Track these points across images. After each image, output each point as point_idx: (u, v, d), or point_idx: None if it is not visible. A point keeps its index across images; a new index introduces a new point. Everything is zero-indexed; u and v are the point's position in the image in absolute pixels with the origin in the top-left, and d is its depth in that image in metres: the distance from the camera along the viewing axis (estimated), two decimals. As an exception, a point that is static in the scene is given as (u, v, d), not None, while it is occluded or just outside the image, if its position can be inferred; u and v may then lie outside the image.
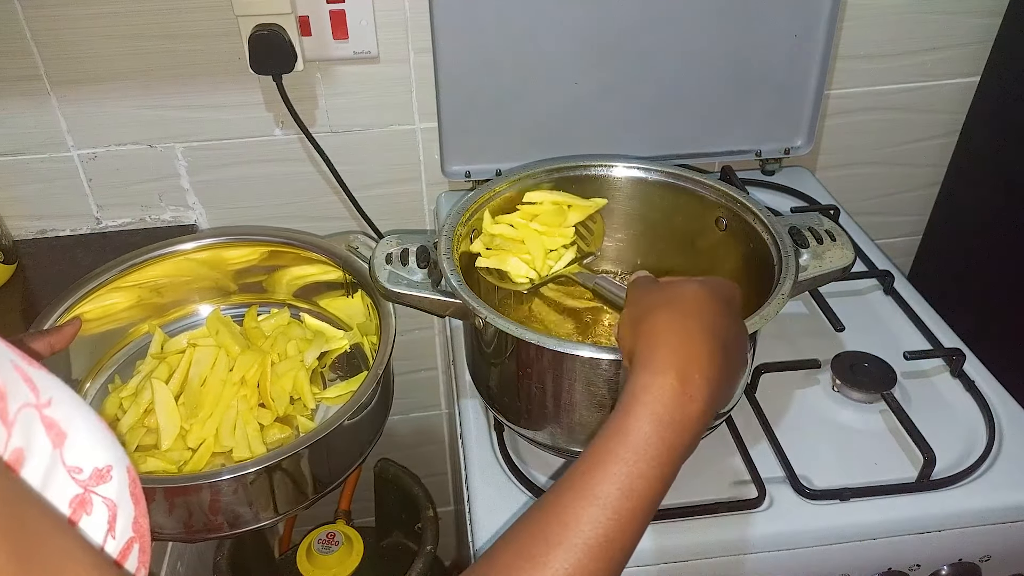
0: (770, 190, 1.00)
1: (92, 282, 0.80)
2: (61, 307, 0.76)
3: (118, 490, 0.35)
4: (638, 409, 0.44)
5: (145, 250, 0.84)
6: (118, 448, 0.36)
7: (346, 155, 0.95)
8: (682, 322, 0.48)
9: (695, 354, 0.46)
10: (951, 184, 1.11)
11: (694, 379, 0.45)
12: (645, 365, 0.46)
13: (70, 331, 0.72)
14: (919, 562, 0.66)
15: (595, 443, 0.44)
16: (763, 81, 0.93)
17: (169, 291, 0.87)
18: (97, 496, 0.34)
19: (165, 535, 0.68)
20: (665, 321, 0.48)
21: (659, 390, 0.44)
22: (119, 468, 0.35)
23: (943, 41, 1.00)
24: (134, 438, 0.73)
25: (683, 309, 0.49)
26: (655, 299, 0.51)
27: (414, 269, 0.65)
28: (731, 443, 0.68)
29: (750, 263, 0.70)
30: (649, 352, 0.46)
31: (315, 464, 0.69)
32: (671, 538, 0.62)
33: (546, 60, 0.88)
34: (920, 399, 0.72)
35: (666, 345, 0.46)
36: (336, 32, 0.86)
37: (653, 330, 0.48)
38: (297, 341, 0.82)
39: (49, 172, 0.93)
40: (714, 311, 0.49)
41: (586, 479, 0.43)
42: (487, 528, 0.62)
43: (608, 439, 0.44)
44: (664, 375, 0.45)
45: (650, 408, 0.44)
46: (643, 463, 0.43)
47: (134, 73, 0.87)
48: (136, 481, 0.37)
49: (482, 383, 0.69)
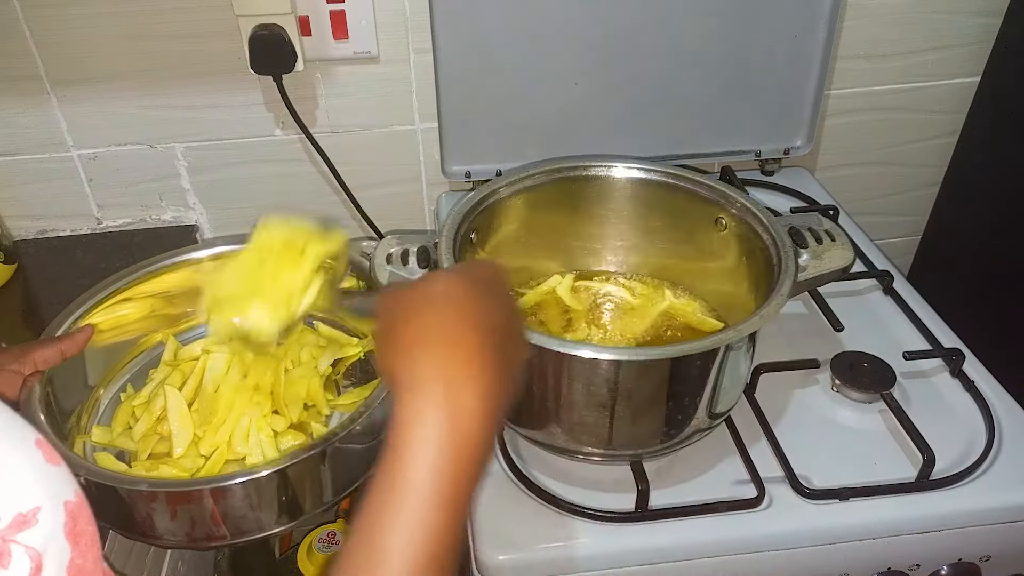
0: (770, 190, 1.00)
1: (104, 290, 0.78)
2: (73, 315, 0.75)
3: (48, 534, 0.32)
4: (412, 449, 0.39)
5: (157, 259, 0.82)
6: (57, 483, 0.34)
7: (346, 155, 0.95)
8: (437, 323, 0.42)
9: (460, 357, 0.41)
10: (951, 184, 1.11)
11: (466, 386, 0.40)
12: (408, 386, 0.41)
13: (81, 338, 0.72)
14: (919, 562, 0.66)
15: (374, 486, 0.40)
16: (763, 81, 0.93)
17: (181, 300, 0.85)
18: (18, 545, 0.31)
19: (172, 542, 0.67)
20: (417, 328, 0.43)
21: (429, 414, 0.40)
22: (51, 507, 0.32)
23: (943, 41, 1.00)
24: (147, 446, 0.72)
25: (436, 308, 0.43)
26: (404, 304, 0.45)
27: (414, 269, 0.65)
28: (730, 443, 0.68)
29: (750, 263, 0.70)
30: (408, 368, 0.41)
31: (330, 469, 0.69)
32: (671, 537, 0.62)
33: (546, 60, 0.88)
34: (919, 399, 0.72)
35: (425, 355, 0.41)
36: (336, 32, 0.86)
37: (406, 340, 0.42)
38: (311, 348, 0.81)
39: (49, 172, 0.93)
40: (472, 299, 0.44)
41: (372, 531, 0.39)
42: (487, 528, 0.63)
43: (384, 489, 0.39)
44: (430, 393, 0.40)
45: (424, 445, 0.39)
46: (424, 511, 0.38)
47: (134, 73, 0.87)
48: (78, 516, 0.34)
49: (482, 383, 0.69)
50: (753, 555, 0.63)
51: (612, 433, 0.61)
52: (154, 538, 0.65)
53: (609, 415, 0.60)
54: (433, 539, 0.38)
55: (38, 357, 0.68)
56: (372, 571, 0.38)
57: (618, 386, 0.58)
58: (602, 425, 0.60)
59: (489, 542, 0.62)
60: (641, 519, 0.62)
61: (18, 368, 0.66)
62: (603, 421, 0.60)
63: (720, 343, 0.58)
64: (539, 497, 0.64)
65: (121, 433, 0.74)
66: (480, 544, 0.62)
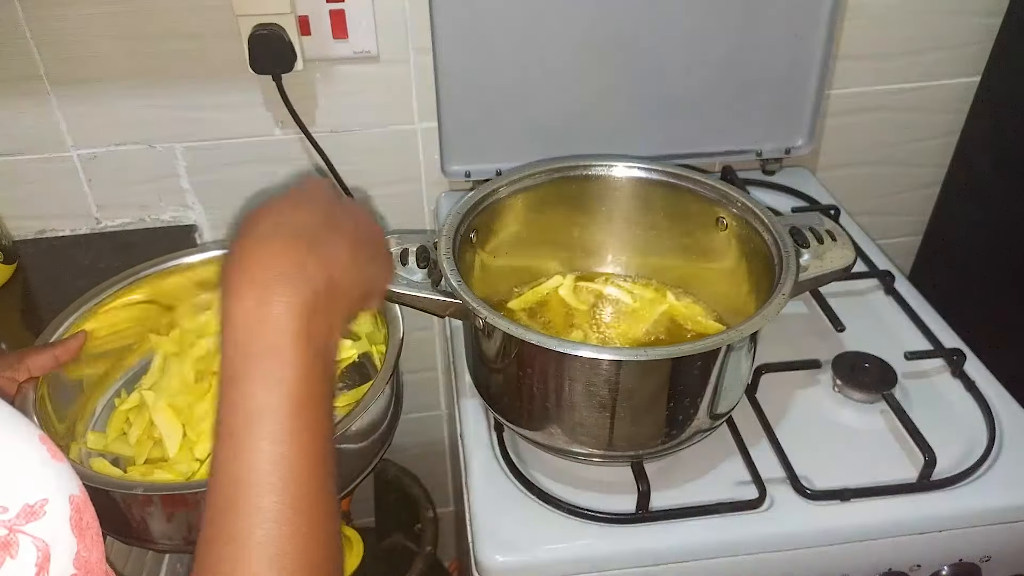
0: (770, 190, 1.00)
1: (98, 296, 0.78)
2: (67, 321, 0.75)
3: (55, 525, 0.33)
4: (241, 382, 0.40)
5: (150, 264, 0.82)
6: (62, 478, 0.34)
7: (346, 155, 0.95)
8: (252, 248, 0.44)
9: (274, 275, 0.42)
10: (951, 184, 1.11)
11: (279, 300, 0.41)
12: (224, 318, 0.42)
13: (75, 344, 0.71)
14: (919, 562, 0.66)
15: (218, 413, 0.41)
16: (763, 81, 0.93)
17: (176, 305, 0.85)
18: (25, 535, 0.31)
19: (169, 546, 0.67)
20: (232, 261, 0.43)
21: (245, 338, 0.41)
22: (58, 500, 0.33)
23: (943, 41, 1.00)
24: (142, 451, 0.72)
25: (245, 241, 0.44)
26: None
27: (414, 269, 0.65)
28: (731, 444, 0.68)
29: (751, 263, 0.70)
30: (225, 297, 0.42)
31: None
32: (671, 538, 0.62)
33: (546, 60, 0.88)
34: (921, 399, 0.72)
35: (236, 264, 0.43)
36: (336, 32, 0.86)
37: (223, 277, 0.43)
38: None
39: (49, 172, 0.92)
40: (280, 210, 0.46)
41: (228, 463, 0.39)
42: (487, 528, 0.62)
43: (226, 414, 0.40)
44: (242, 315, 0.41)
45: (247, 378, 0.40)
46: (266, 441, 0.39)
47: (134, 73, 0.87)
48: (83, 511, 0.35)
49: (482, 384, 0.69)
50: (754, 556, 0.63)
51: (613, 434, 0.61)
52: (150, 542, 0.65)
53: (610, 416, 0.59)
54: (289, 463, 0.39)
55: (32, 363, 0.67)
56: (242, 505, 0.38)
57: (619, 386, 0.58)
58: (602, 426, 0.60)
59: (488, 543, 0.61)
60: (642, 520, 0.62)
61: (12, 375, 0.66)
62: (604, 422, 0.60)
63: (721, 343, 0.58)
64: (539, 498, 0.64)
65: (116, 439, 0.74)
66: (479, 545, 0.61)
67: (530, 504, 0.64)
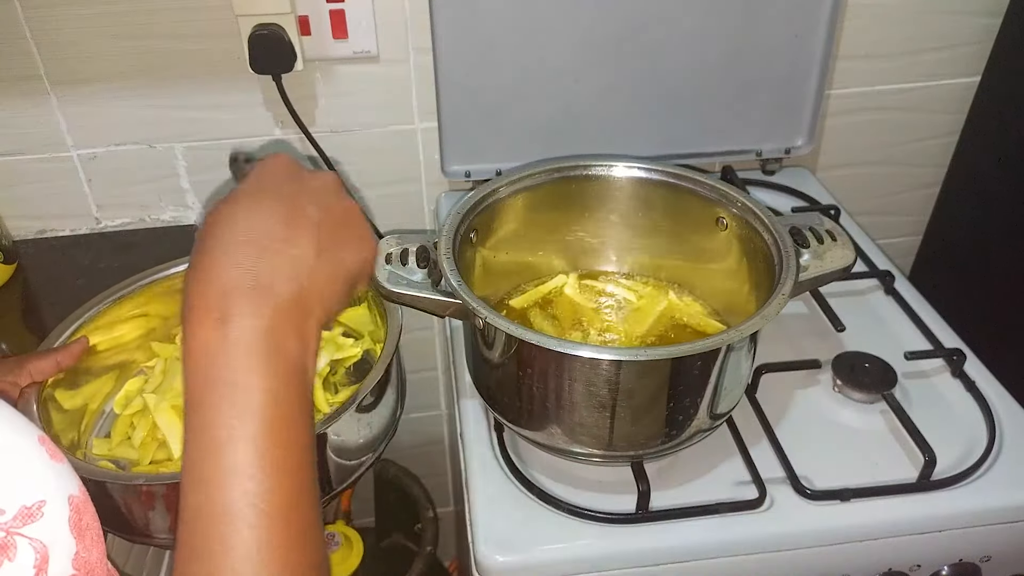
0: (770, 190, 1.00)
1: (101, 303, 0.78)
2: (70, 328, 0.75)
3: (53, 527, 0.32)
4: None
5: (152, 271, 0.81)
6: (62, 478, 0.34)
7: (346, 155, 0.95)
8: (207, 265, 0.41)
9: (231, 282, 0.40)
10: (951, 184, 1.11)
11: (238, 310, 0.39)
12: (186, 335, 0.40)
13: (77, 349, 0.71)
14: (919, 562, 0.66)
15: (184, 446, 0.39)
16: (763, 81, 0.93)
17: (177, 312, 0.85)
18: (23, 538, 0.31)
19: (171, 541, 0.67)
20: (190, 281, 0.42)
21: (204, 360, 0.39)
22: (57, 501, 0.33)
23: (943, 41, 1.00)
24: (147, 453, 0.72)
25: (200, 257, 0.42)
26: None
27: (414, 269, 0.65)
28: (731, 444, 0.68)
29: (751, 263, 0.70)
30: (184, 321, 0.40)
31: (323, 459, 0.69)
32: (671, 538, 0.62)
33: (546, 60, 0.88)
34: (921, 399, 0.72)
35: (195, 284, 0.41)
36: (336, 32, 0.86)
37: (183, 298, 0.41)
38: None
39: (49, 172, 0.92)
40: (235, 214, 0.44)
41: (197, 496, 0.38)
42: (487, 528, 0.62)
43: (192, 448, 0.38)
44: (199, 334, 0.39)
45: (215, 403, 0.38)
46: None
47: (134, 73, 0.87)
48: (83, 511, 0.34)
49: (482, 383, 0.69)
50: (754, 556, 0.63)
51: (612, 434, 0.61)
52: (150, 537, 0.65)
53: (609, 416, 0.59)
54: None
55: (34, 368, 0.67)
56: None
57: (619, 386, 0.58)
58: (602, 426, 0.60)
59: (488, 543, 0.61)
60: (642, 520, 0.62)
61: (14, 379, 0.66)
62: (603, 422, 0.60)
63: (721, 343, 0.58)
64: (539, 498, 0.64)
65: (120, 443, 0.74)
66: (479, 545, 0.61)
67: (530, 504, 0.64)
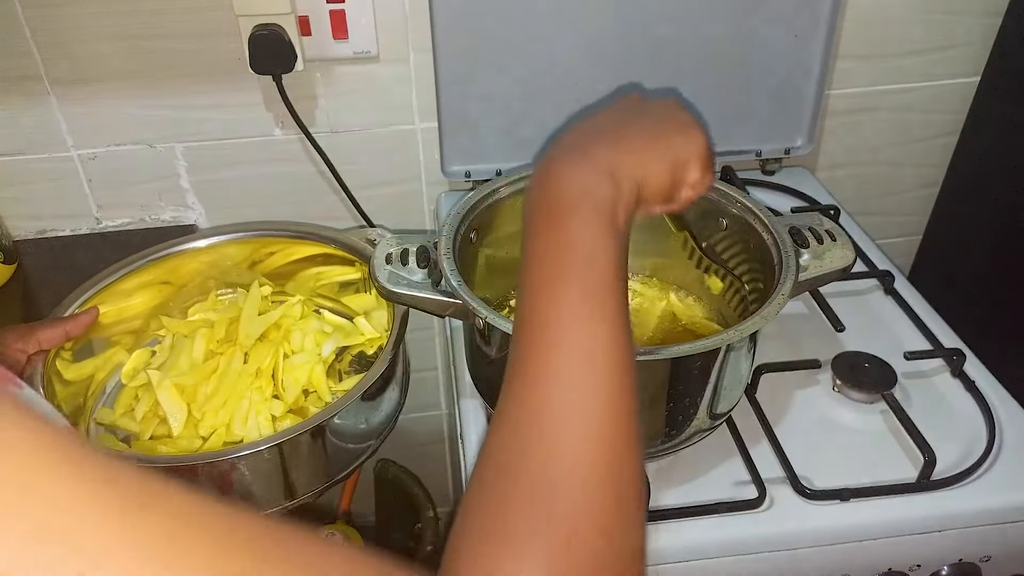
0: (770, 190, 1.00)
1: (112, 276, 0.79)
2: (79, 299, 0.76)
3: None
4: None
5: (164, 246, 0.83)
6: None
7: (346, 155, 0.95)
8: (547, 164, 0.48)
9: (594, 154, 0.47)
10: (951, 184, 1.11)
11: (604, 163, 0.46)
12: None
13: (86, 319, 0.72)
14: (919, 562, 0.66)
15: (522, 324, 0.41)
16: (763, 81, 0.93)
17: (189, 289, 0.86)
18: None
19: None
20: (533, 180, 0.47)
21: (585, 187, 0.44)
22: None
23: (943, 41, 1.00)
24: (148, 427, 0.73)
25: (584, 130, 0.52)
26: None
27: (414, 269, 0.65)
28: (731, 444, 0.68)
29: (751, 263, 0.70)
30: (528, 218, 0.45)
31: (325, 447, 0.69)
32: (671, 538, 0.62)
33: (546, 60, 0.88)
34: (920, 399, 0.72)
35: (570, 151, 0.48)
36: (336, 32, 0.86)
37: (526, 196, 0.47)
38: (315, 334, 0.82)
39: (49, 172, 0.92)
40: (609, 114, 0.52)
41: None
42: (487, 528, 0.62)
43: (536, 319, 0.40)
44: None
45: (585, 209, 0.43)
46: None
47: (134, 73, 0.87)
48: None
49: (482, 383, 0.69)
50: (754, 556, 0.63)
51: (613, 433, 0.61)
52: None
53: (610, 415, 0.59)
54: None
55: (42, 337, 0.69)
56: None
57: (619, 386, 0.58)
58: (603, 425, 0.60)
59: (489, 543, 0.61)
60: (642, 520, 0.62)
61: (22, 347, 0.67)
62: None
63: (721, 343, 0.58)
64: (539, 498, 0.64)
65: (123, 414, 0.75)
66: (480, 545, 0.61)
67: (530, 504, 0.64)
